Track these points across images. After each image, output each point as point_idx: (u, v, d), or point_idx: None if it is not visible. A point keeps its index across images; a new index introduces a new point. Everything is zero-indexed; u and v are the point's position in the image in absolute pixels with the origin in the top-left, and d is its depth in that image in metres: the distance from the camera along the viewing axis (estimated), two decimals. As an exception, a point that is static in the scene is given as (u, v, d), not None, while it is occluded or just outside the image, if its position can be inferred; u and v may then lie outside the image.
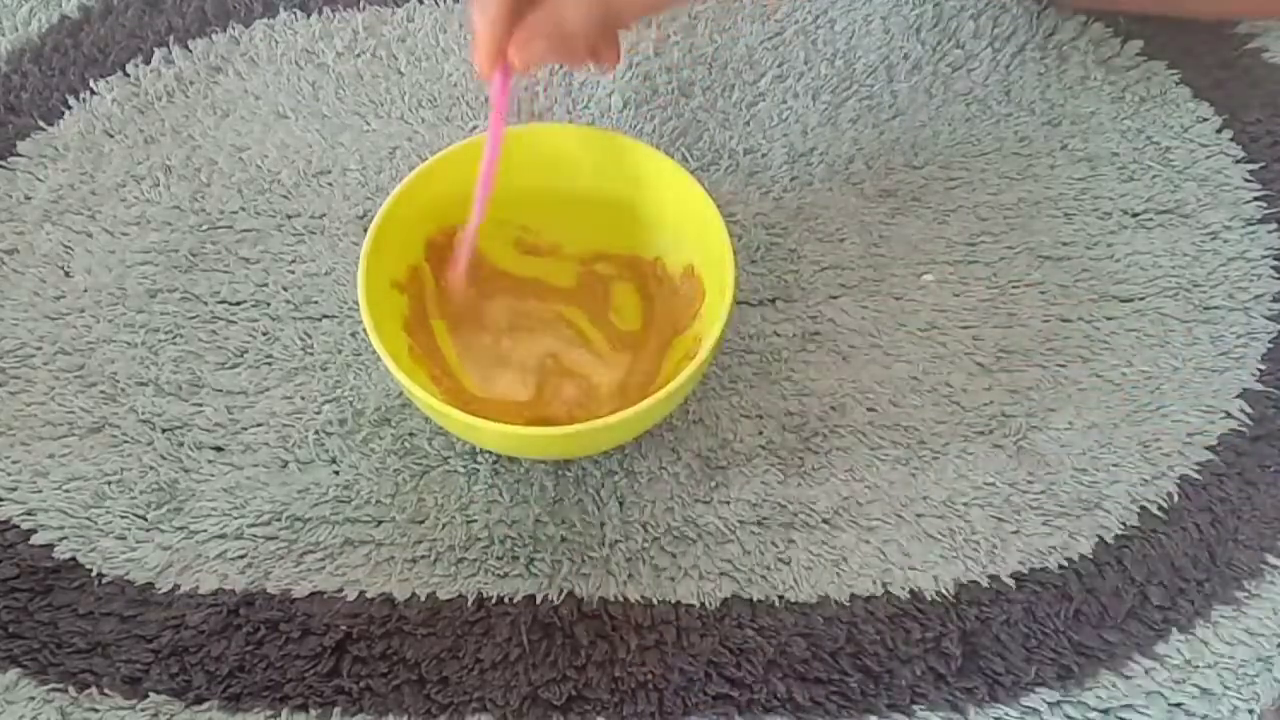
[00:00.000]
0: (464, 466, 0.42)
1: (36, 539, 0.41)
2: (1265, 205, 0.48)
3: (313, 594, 0.39)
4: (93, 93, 0.53)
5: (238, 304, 0.46)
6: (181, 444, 0.43)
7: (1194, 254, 0.47)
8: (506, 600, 0.39)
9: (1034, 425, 0.43)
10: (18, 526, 0.41)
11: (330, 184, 0.50)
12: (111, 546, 0.40)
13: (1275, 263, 0.47)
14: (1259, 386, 0.44)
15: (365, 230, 0.40)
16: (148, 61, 0.54)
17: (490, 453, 0.42)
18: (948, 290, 0.46)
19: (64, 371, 0.44)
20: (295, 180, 0.50)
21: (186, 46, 0.54)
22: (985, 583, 0.39)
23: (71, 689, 0.38)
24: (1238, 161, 0.49)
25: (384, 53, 0.54)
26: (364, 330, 0.44)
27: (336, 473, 0.42)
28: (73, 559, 0.40)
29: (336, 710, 0.37)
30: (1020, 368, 0.44)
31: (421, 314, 0.42)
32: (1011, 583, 0.39)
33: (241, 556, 0.40)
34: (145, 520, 0.41)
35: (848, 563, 0.40)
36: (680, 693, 0.37)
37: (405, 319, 0.41)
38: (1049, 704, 0.37)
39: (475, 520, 0.41)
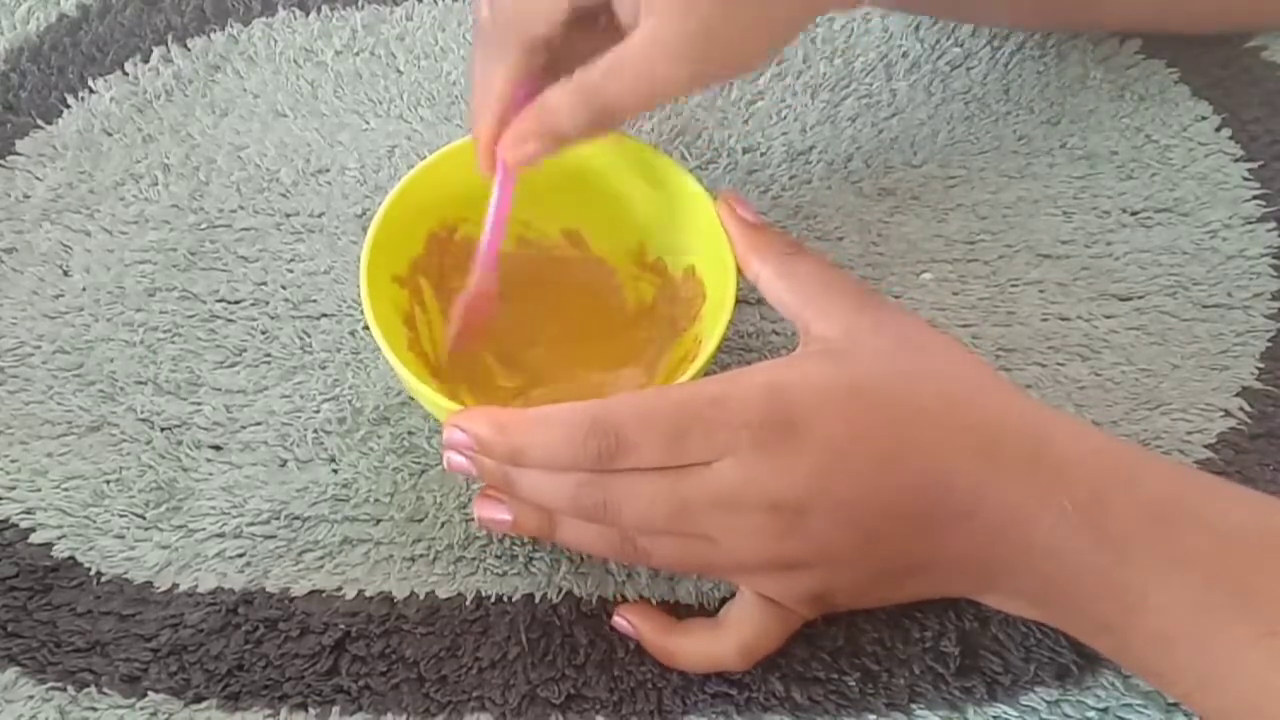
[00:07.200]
0: (463, 465, 0.42)
1: (35, 538, 0.41)
2: (1264, 204, 0.48)
3: (311, 593, 0.39)
4: (91, 91, 0.53)
5: (236, 303, 0.46)
6: (180, 443, 0.43)
7: (1193, 252, 0.47)
8: (505, 599, 0.39)
9: (1033, 424, 0.43)
10: (16, 525, 0.41)
11: (329, 183, 0.50)
12: (110, 545, 0.40)
13: (1274, 261, 0.47)
14: (1258, 385, 0.43)
15: (364, 229, 0.40)
16: (146, 60, 0.54)
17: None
18: (946, 289, 0.46)
19: (62, 370, 0.44)
20: (294, 179, 0.50)
21: (185, 45, 0.54)
22: (984, 581, 0.39)
23: (70, 688, 0.38)
24: (1236, 160, 0.49)
25: (383, 51, 0.54)
26: (363, 329, 0.45)
27: (335, 471, 0.42)
28: (71, 558, 0.40)
29: (335, 709, 0.37)
30: (1020, 366, 0.44)
31: (421, 309, 0.42)
32: (1010, 581, 0.39)
33: (240, 555, 0.40)
34: (144, 519, 0.41)
35: (846, 561, 0.40)
36: (679, 692, 0.37)
37: (405, 313, 0.41)
38: (1048, 703, 0.37)
39: (474, 519, 0.40)
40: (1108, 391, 0.43)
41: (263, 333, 0.45)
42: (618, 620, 0.38)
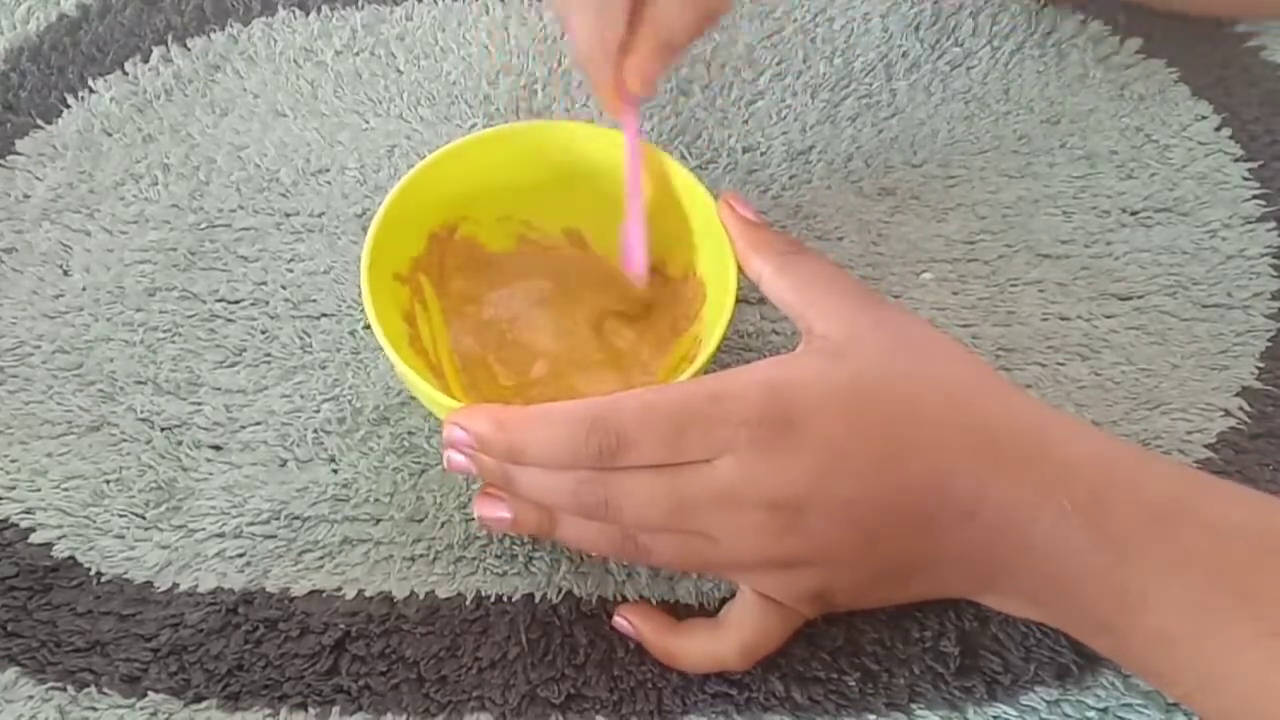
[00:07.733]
0: (463, 465, 0.42)
1: (35, 538, 0.40)
2: (1264, 203, 0.48)
3: (311, 592, 0.39)
4: (91, 91, 0.53)
5: (236, 302, 0.46)
6: (180, 442, 0.43)
7: (1193, 252, 0.47)
8: (505, 599, 0.39)
9: (1033, 424, 0.42)
10: (16, 525, 0.41)
11: (329, 182, 0.50)
12: (110, 545, 0.40)
13: (1274, 261, 0.47)
14: (1258, 384, 0.44)
15: (364, 229, 0.40)
16: (146, 60, 0.54)
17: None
18: (946, 289, 0.46)
19: (62, 370, 0.44)
20: (294, 178, 0.50)
21: (185, 45, 0.54)
22: (984, 581, 0.39)
23: (70, 687, 0.38)
24: (1236, 160, 0.49)
25: (382, 51, 0.54)
26: (363, 328, 0.45)
27: (335, 471, 0.42)
28: (71, 558, 0.40)
29: (335, 709, 0.37)
30: (1019, 366, 0.44)
31: (422, 307, 0.42)
32: (1010, 581, 0.39)
33: (240, 555, 0.40)
34: (144, 519, 0.41)
35: (846, 561, 0.40)
36: (679, 692, 0.37)
37: (406, 311, 0.41)
38: (1048, 703, 0.37)
39: (474, 519, 0.41)
40: (1108, 391, 0.43)
41: (263, 333, 0.45)
42: (618, 620, 0.38)
